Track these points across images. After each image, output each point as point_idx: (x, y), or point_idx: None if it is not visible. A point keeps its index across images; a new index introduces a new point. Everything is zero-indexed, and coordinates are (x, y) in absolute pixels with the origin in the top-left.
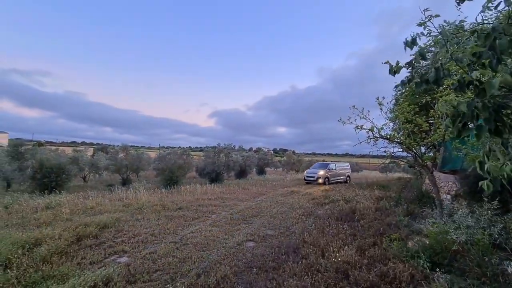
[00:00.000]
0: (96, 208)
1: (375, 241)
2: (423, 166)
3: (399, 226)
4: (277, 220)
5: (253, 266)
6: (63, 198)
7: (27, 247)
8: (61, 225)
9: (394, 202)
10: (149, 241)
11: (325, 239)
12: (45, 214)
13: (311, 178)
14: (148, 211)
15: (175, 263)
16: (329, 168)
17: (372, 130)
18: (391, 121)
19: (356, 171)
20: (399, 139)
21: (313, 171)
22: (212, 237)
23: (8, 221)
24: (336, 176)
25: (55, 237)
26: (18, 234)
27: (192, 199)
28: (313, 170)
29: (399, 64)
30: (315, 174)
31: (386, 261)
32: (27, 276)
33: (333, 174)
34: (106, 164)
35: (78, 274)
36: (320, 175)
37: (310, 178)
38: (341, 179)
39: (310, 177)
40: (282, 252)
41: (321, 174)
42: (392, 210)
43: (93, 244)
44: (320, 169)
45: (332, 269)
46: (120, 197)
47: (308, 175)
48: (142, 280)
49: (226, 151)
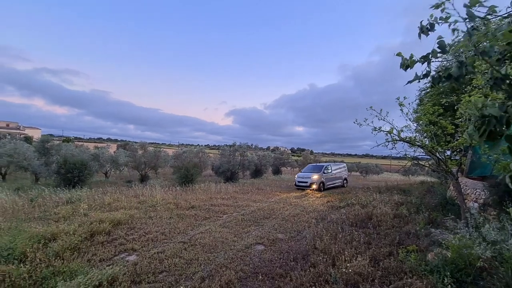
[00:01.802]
0: (113, 204)
1: (391, 251)
2: (447, 172)
3: (419, 235)
4: (288, 223)
5: (259, 272)
6: (83, 193)
7: (42, 241)
8: (77, 220)
9: (415, 209)
10: (159, 240)
11: (337, 247)
12: (65, 208)
13: (303, 183)
14: (162, 209)
15: (182, 264)
16: (324, 171)
17: (391, 133)
18: (413, 122)
19: (376, 173)
20: (420, 142)
21: (306, 174)
22: (221, 239)
23: (30, 214)
24: (332, 180)
25: (70, 233)
26: (37, 228)
27: (205, 198)
28: (306, 173)
29: (413, 58)
30: (308, 179)
31: (401, 275)
32: (38, 271)
33: (329, 178)
34: (126, 161)
35: (86, 271)
36: (314, 179)
37: (302, 184)
38: (337, 183)
39: (302, 182)
40: (291, 258)
41: (315, 178)
42: (412, 218)
43: (105, 241)
44: (313, 172)
45: (342, 280)
46: (136, 194)
47: (300, 180)
48: (147, 281)
49: (242, 150)
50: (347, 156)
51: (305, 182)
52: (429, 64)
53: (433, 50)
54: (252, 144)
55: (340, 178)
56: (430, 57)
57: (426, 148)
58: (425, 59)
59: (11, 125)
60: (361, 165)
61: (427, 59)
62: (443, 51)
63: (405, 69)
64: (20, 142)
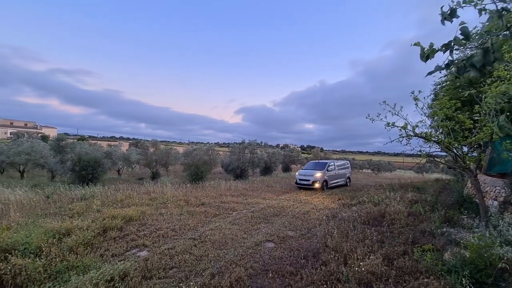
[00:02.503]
0: (125, 201)
1: (406, 250)
2: (464, 168)
3: (434, 234)
4: (298, 221)
5: (269, 269)
6: (97, 190)
7: (57, 236)
8: (91, 216)
9: (430, 207)
10: (169, 236)
11: (348, 245)
12: (79, 205)
13: (304, 181)
14: (172, 206)
15: (192, 260)
16: (327, 169)
17: (405, 128)
18: (428, 117)
19: (388, 170)
20: (436, 137)
21: (308, 172)
22: (230, 236)
23: (46, 210)
24: (335, 179)
25: (84, 228)
26: (52, 224)
27: (215, 195)
28: (307, 171)
29: (433, 47)
30: (310, 177)
31: (417, 274)
32: (53, 265)
33: (332, 176)
34: (137, 159)
35: (98, 266)
36: (317, 177)
37: (304, 182)
38: (341, 182)
39: (303, 180)
40: (301, 256)
41: (318, 176)
42: (427, 216)
43: (117, 237)
44: (316, 170)
45: (354, 279)
46: (147, 191)
47: (301, 178)
48: (158, 277)
49: (251, 148)
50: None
51: (307, 180)
52: (452, 52)
53: (456, 37)
54: (262, 142)
55: (344, 177)
56: (452, 45)
57: (442, 143)
58: (447, 47)
59: (29, 125)
60: (373, 162)
61: (449, 47)
62: (467, 37)
63: (425, 59)
64: (36, 141)
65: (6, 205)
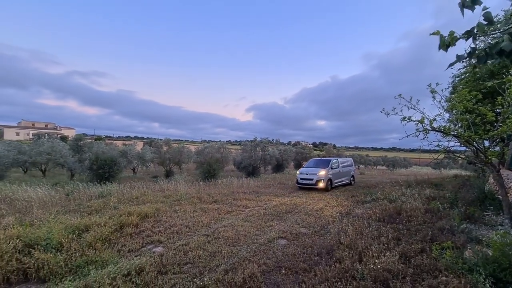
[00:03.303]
0: (140, 198)
1: (423, 248)
2: (486, 163)
3: (454, 231)
4: (311, 218)
5: (282, 266)
6: (113, 188)
7: (77, 232)
8: (108, 213)
9: (449, 204)
10: (183, 233)
11: (363, 242)
12: (97, 202)
13: (307, 181)
14: (186, 203)
15: (205, 256)
16: (331, 166)
17: (422, 122)
18: (446, 111)
19: (404, 167)
20: (456, 131)
21: (310, 170)
22: (243, 232)
23: (66, 207)
24: (340, 177)
25: (101, 224)
26: (72, 220)
27: (228, 193)
28: (310, 169)
29: (454, 35)
30: (314, 176)
31: (436, 272)
32: (73, 260)
33: (337, 174)
34: (152, 157)
35: (115, 261)
36: (321, 176)
37: (306, 181)
38: (345, 181)
39: (305, 180)
40: (315, 253)
41: (322, 175)
42: (446, 213)
43: (133, 233)
44: (319, 168)
45: (370, 277)
46: (161, 188)
47: (303, 177)
48: (173, 272)
49: (263, 145)
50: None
51: (309, 180)
52: (475, 40)
53: (479, 23)
54: (273, 139)
55: (348, 175)
56: (475, 32)
57: (462, 137)
58: (469, 35)
59: (49, 126)
60: (388, 159)
61: (471, 34)
62: (490, 23)
63: (446, 48)
64: (56, 141)
65: (29, 202)
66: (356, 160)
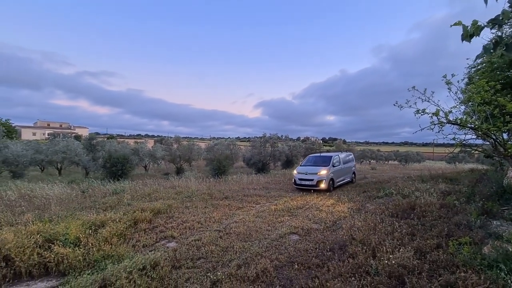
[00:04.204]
0: (152, 195)
1: (439, 244)
2: (506, 156)
3: (471, 227)
4: (323, 213)
5: (294, 261)
6: (126, 185)
7: (93, 228)
8: (122, 209)
9: (465, 198)
10: (195, 228)
11: (376, 237)
12: (111, 199)
13: (306, 181)
14: (197, 199)
15: (218, 251)
16: (334, 164)
17: (437, 114)
18: (462, 103)
19: (417, 161)
20: (473, 124)
21: (309, 169)
22: (255, 228)
23: (82, 204)
24: (342, 175)
25: (116, 220)
26: (88, 216)
27: (238, 189)
28: (309, 168)
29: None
30: (314, 175)
31: (453, 268)
32: (91, 255)
33: (339, 172)
34: (162, 155)
35: (131, 256)
36: (322, 175)
37: (305, 182)
38: (347, 179)
39: (304, 180)
40: (327, 249)
41: (323, 174)
42: (462, 208)
43: (147, 228)
44: (320, 167)
45: (384, 272)
46: (173, 185)
47: (301, 177)
48: (186, 266)
49: (272, 141)
50: (384, 144)
51: (309, 180)
52: (501, 27)
53: (504, 10)
54: (282, 135)
55: (349, 172)
56: (501, 19)
57: (479, 130)
58: (494, 23)
59: (63, 126)
60: (400, 154)
61: (497, 22)
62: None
63: (469, 39)
64: (71, 140)
65: (47, 199)
66: (367, 155)
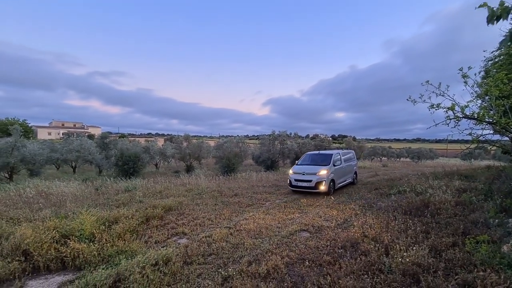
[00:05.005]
0: (163, 192)
1: (455, 242)
2: None
3: (489, 225)
4: (333, 211)
5: (306, 258)
6: (138, 183)
7: (107, 224)
8: (134, 206)
9: (482, 196)
10: (206, 225)
11: (389, 235)
12: (124, 196)
13: (304, 183)
14: (207, 197)
15: (228, 248)
16: (334, 163)
17: (452, 109)
18: (478, 97)
19: (430, 158)
20: (491, 118)
21: (307, 169)
22: (265, 225)
23: (96, 201)
24: (343, 176)
25: (129, 217)
26: (102, 213)
27: (247, 186)
28: (306, 167)
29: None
30: (312, 176)
31: (470, 267)
32: (105, 250)
33: (340, 172)
34: (172, 153)
35: (144, 251)
36: (322, 176)
37: (303, 184)
38: (348, 180)
39: (301, 182)
40: (339, 246)
41: (323, 174)
42: (479, 205)
43: (159, 225)
44: (319, 166)
45: (398, 270)
46: (183, 183)
47: (298, 178)
48: (198, 262)
49: (281, 139)
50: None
51: (307, 182)
52: None
53: None
54: (291, 133)
55: (351, 172)
56: None
57: (498, 125)
58: None
59: (77, 125)
60: (412, 150)
61: None
62: None
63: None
64: (84, 139)
65: (63, 196)
66: (378, 152)
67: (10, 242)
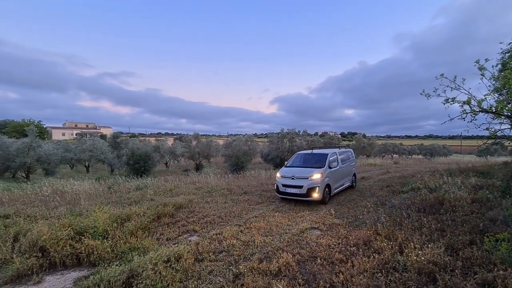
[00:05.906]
0: (174, 190)
1: (473, 240)
2: None
3: (508, 223)
4: (344, 208)
5: (317, 256)
6: (149, 181)
7: (119, 221)
8: (146, 204)
9: (500, 193)
10: (216, 223)
11: (403, 233)
12: (135, 194)
13: (293, 189)
14: (217, 195)
15: (239, 245)
16: (330, 164)
17: (469, 103)
18: (495, 91)
19: (443, 155)
20: (509, 111)
21: (297, 172)
22: (275, 223)
23: (109, 199)
24: (340, 179)
25: (141, 214)
26: (114, 210)
27: (257, 184)
28: (296, 169)
29: None
30: (303, 181)
31: (490, 266)
32: (118, 247)
33: (336, 175)
34: (182, 152)
35: (156, 248)
36: (315, 181)
37: (292, 190)
38: (346, 183)
39: (290, 188)
40: (351, 244)
41: (316, 179)
42: (497, 202)
43: (170, 222)
44: (311, 168)
45: (413, 269)
46: (193, 181)
47: (286, 183)
48: (209, 259)
49: (290, 136)
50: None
51: (297, 187)
52: None
53: None
54: (300, 131)
55: (349, 174)
56: None
57: None
58: None
59: (89, 126)
60: (424, 147)
61: None
62: None
63: None
64: (97, 139)
65: (77, 194)
66: (389, 149)
67: (28, 238)
